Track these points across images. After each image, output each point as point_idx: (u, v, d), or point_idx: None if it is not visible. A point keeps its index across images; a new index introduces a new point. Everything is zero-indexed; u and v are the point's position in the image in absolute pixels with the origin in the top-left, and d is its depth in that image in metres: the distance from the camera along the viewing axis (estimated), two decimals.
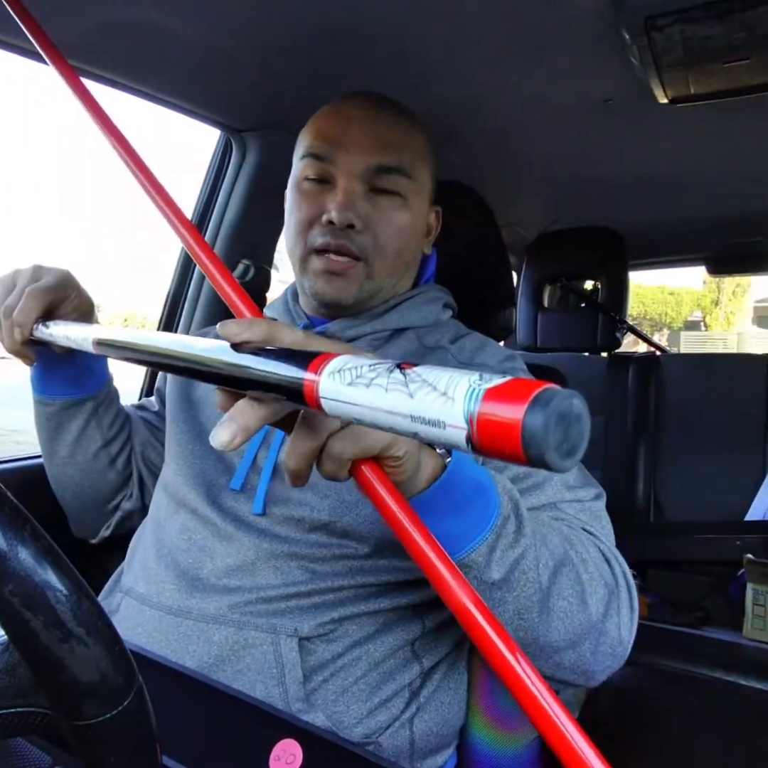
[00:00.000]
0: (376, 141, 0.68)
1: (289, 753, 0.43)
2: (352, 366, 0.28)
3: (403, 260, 0.72)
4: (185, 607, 0.59)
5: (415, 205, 0.71)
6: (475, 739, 0.68)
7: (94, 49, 0.83)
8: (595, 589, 0.52)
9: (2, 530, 0.25)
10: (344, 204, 0.66)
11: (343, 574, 0.59)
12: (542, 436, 0.21)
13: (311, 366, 0.30)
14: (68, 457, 0.78)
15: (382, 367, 0.27)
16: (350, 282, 0.69)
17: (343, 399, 0.28)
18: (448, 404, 0.23)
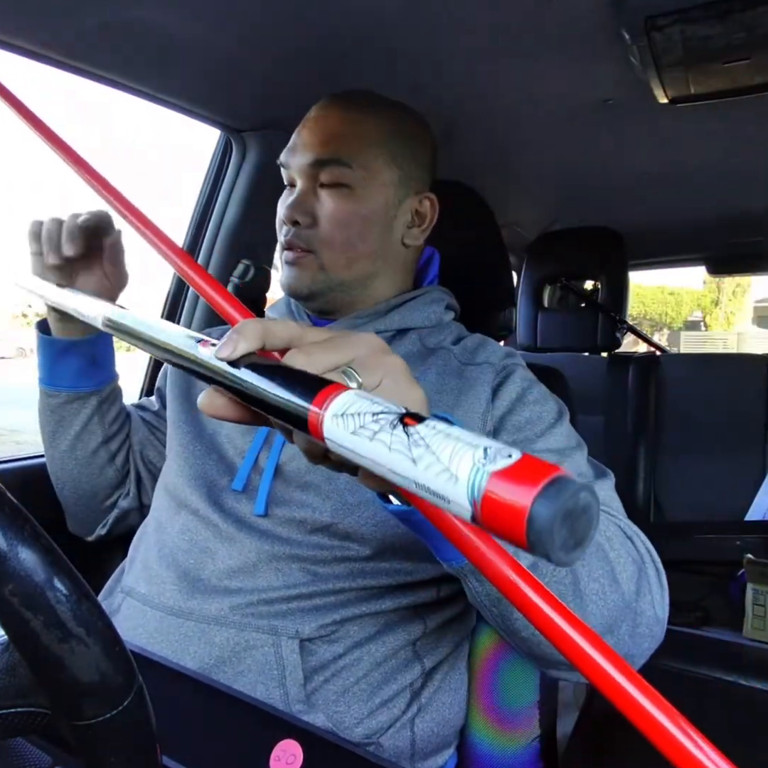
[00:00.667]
0: (319, 137, 0.70)
1: (289, 753, 0.43)
2: (355, 412, 0.27)
3: (359, 251, 0.70)
4: (186, 608, 0.59)
5: (366, 194, 0.70)
6: (476, 739, 0.68)
7: (94, 49, 0.83)
8: (624, 566, 0.51)
9: (2, 530, 0.25)
10: (291, 203, 0.70)
11: (345, 576, 0.59)
12: (548, 536, 0.21)
13: (317, 399, 0.29)
14: (68, 451, 0.78)
15: (386, 419, 0.26)
16: (302, 271, 0.70)
17: (348, 446, 0.27)
18: (451, 482, 0.23)
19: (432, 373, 0.68)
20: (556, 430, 0.63)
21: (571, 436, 0.64)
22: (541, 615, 0.27)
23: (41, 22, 0.76)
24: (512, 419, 0.64)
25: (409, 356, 0.71)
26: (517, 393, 0.65)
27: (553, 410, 0.65)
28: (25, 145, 56.72)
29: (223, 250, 1.17)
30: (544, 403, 0.65)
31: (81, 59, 0.85)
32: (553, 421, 0.64)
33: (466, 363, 0.70)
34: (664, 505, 1.72)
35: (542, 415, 0.64)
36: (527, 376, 0.68)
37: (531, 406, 0.65)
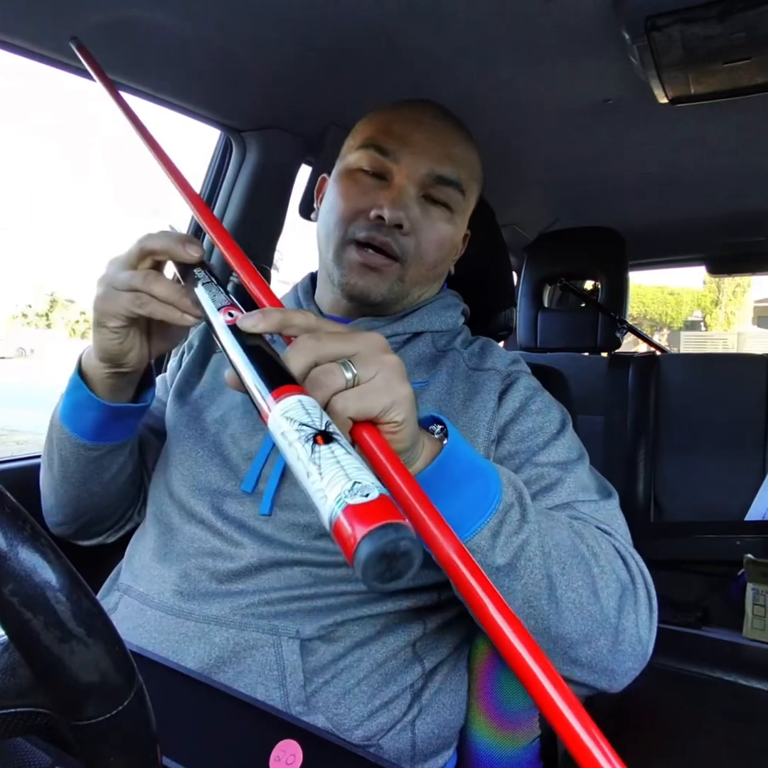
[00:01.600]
0: (441, 150, 0.69)
1: (289, 753, 0.43)
2: (291, 417, 0.32)
3: (437, 272, 0.73)
4: (186, 608, 0.59)
5: (459, 221, 0.73)
6: (476, 739, 0.68)
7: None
8: (606, 582, 0.52)
9: (2, 530, 0.25)
10: (398, 203, 0.66)
11: (347, 579, 0.59)
12: (365, 567, 0.26)
13: (276, 392, 0.34)
14: (102, 490, 0.71)
15: (304, 432, 0.31)
16: (383, 279, 0.68)
17: (277, 442, 0.33)
18: (323, 501, 0.28)
19: (443, 374, 0.69)
20: (558, 441, 0.63)
21: (573, 448, 0.64)
22: (480, 603, 0.32)
23: (41, 22, 0.76)
24: (515, 428, 0.64)
25: (422, 358, 0.71)
26: (520, 401, 0.66)
27: (555, 420, 0.66)
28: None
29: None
30: (546, 413, 0.66)
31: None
32: (555, 432, 0.64)
33: (474, 368, 0.70)
34: (664, 505, 1.72)
35: (544, 425, 0.65)
36: (531, 383, 0.69)
37: (533, 416, 0.65)
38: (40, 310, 23.97)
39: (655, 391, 1.78)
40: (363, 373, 0.38)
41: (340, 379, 0.38)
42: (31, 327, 23.48)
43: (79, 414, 0.64)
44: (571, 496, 0.59)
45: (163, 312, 0.53)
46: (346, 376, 0.38)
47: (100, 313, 0.55)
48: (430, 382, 0.68)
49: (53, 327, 23.45)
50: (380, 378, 0.39)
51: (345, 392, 0.38)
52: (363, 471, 0.29)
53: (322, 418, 0.32)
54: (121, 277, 0.54)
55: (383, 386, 0.39)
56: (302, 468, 0.30)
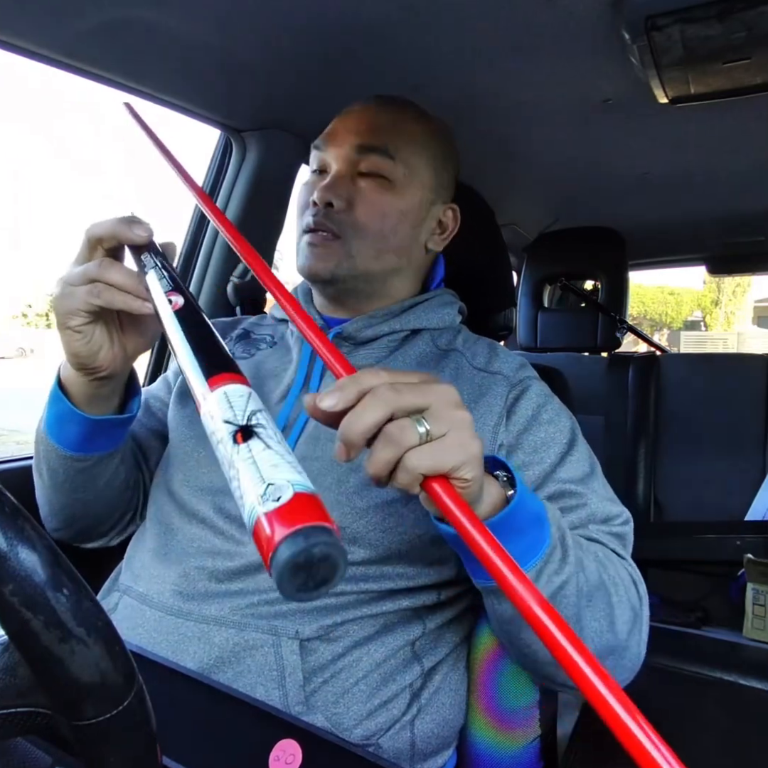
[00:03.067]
0: (362, 125, 0.71)
1: (288, 753, 0.43)
2: (214, 414, 0.31)
3: (390, 244, 0.71)
4: (186, 608, 0.59)
5: (403, 189, 0.71)
6: (475, 739, 0.68)
7: (94, 49, 0.83)
8: (623, 611, 0.55)
9: (2, 530, 0.25)
10: (326, 185, 0.69)
11: (347, 579, 0.59)
12: (279, 584, 0.25)
13: (210, 381, 0.33)
14: (94, 498, 0.69)
15: (226, 430, 0.30)
16: (328, 255, 0.69)
17: (210, 439, 0.31)
18: (242, 509, 0.28)
19: (446, 376, 0.69)
20: (573, 456, 0.65)
21: (584, 460, 0.65)
22: (550, 636, 0.31)
23: (41, 22, 0.76)
24: (528, 439, 0.65)
25: (423, 356, 0.71)
26: (533, 410, 0.66)
27: (566, 428, 0.67)
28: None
29: (223, 250, 1.17)
30: (557, 422, 0.67)
31: (81, 59, 0.85)
32: (567, 444, 0.65)
33: (479, 368, 0.70)
34: (664, 505, 1.72)
35: (556, 435, 0.65)
36: (542, 390, 0.69)
37: (545, 426, 0.66)
38: (40, 310, 23.98)
39: (655, 391, 1.78)
40: (435, 429, 0.38)
41: (414, 436, 0.38)
42: (31, 327, 23.49)
43: (63, 427, 0.62)
44: (590, 517, 0.62)
45: (122, 300, 0.51)
46: (419, 431, 0.38)
47: (61, 314, 0.54)
48: None
49: (53, 327, 23.43)
50: (453, 436, 0.39)
51: (418, 449, 0.38)
52: (280, 467, 0.28)
53: (245, 410, 0.31)
54: (75, 271, 0.53)
55: (455, 444, 0.39)
56: (227, 472, 0.29)
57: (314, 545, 0.25)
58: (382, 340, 0.72)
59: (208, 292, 1.18)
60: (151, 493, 0.72)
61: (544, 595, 0.46)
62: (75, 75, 0.87)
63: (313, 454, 0.63)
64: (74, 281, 0.53)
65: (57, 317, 0.54)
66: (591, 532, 0.60)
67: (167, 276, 0.46)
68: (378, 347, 0.71)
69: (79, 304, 0.52)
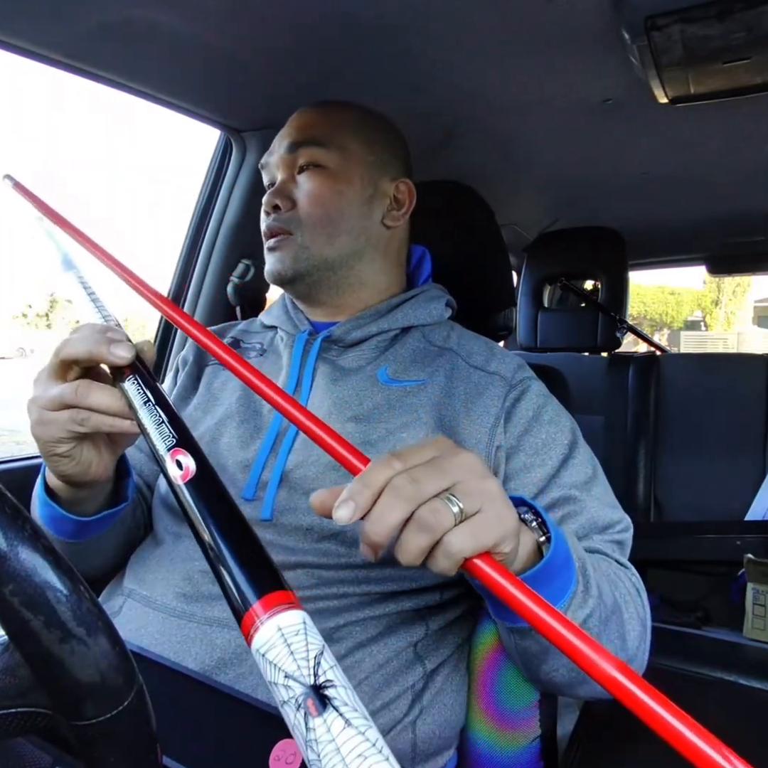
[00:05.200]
0: (294, 127, 0.74)
1: (289, 753, 0.43)
2: (273, 659, 0.26)
3: (340, 228, 0.71)
4: (189, 610, 0.59)
5: (341, 171, 0.72)
6: (476, 739, 0.68)
7: (94, 49, 0.83)
8: (633, 626, 0.56)
9: (2, 530, 0.25)
10: (272, 192, 0.72)
11: (350, 581, 0.59)
12: None
13: (262, 601, 0.28)
14: (103, 561, 0.70)
15: (294, 691, 0.25)
16: (284, 253, 0.71)
17: (264, 673, 0.27)
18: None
19: (440, 376, 0.68)
20: (576, 459, 0.65)
21: (587, 462, 0.66)
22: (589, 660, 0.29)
23: (41, 22, 0.76)
24: (529, 440, 0.65)
25: (416, 353, 0.71)
26: (533, 411, 0.67)
27: (567, 429, 0.67)
28: None
29: (223, 250, 1.17)
30: (558, 422, 0.67)
31: (81, 59, 0.85)
32: (569, 445, 0.65)
33: (476, 367, 0.70)
34: (664, 505, 1.72)
35: (557, 436, 0.66)
36: (541, 391, 0.69)
37: (546, 426, 0.66)
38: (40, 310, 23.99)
39: (655, 391, 1.78)
40: (469, 506, 0.35)
41: (450, 518, 0.35)
42: (31, 327, 23.49)
43: (58, 525, 0.60)
44: (591, 523, 0.62)
45: (110, 424, 0.48)
46: (453, 511, 0.35)
47: (42, 442, 0.50)
48: (427, 382, 0.68)
49: (53, 327, 23.46)
50: (489, 510, 0.36)
51: (457, 530, 0.35)
52: (367, 757, 0.23)
53: (308, 659, 0.26)
54: (50, 395, 0.48)
55: (494, 519, 0.36)
56: (301, 746, 0.25)
57: None
58: (372, 340, 0.72)
59: (208, 292, 1.18)
60: (153, 503, 0.72)
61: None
62: (75, 75, 0.87)
63: (308, 459, 0.63)
64: (50, 406, 0.49)
65: (39, 445, 0.50)
66: (594, 543, 0.61)
67: (166, 420, 0.39)
68: (368, 348, 0.71)
69: (61, 433, 0.49)
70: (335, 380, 0.68)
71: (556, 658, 0.52)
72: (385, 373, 0.69)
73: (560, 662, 0.53)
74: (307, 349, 0.71)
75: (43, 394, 0.49)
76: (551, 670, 0.54)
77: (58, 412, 0.48)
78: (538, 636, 0.50)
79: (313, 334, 0.73)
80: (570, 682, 0.55)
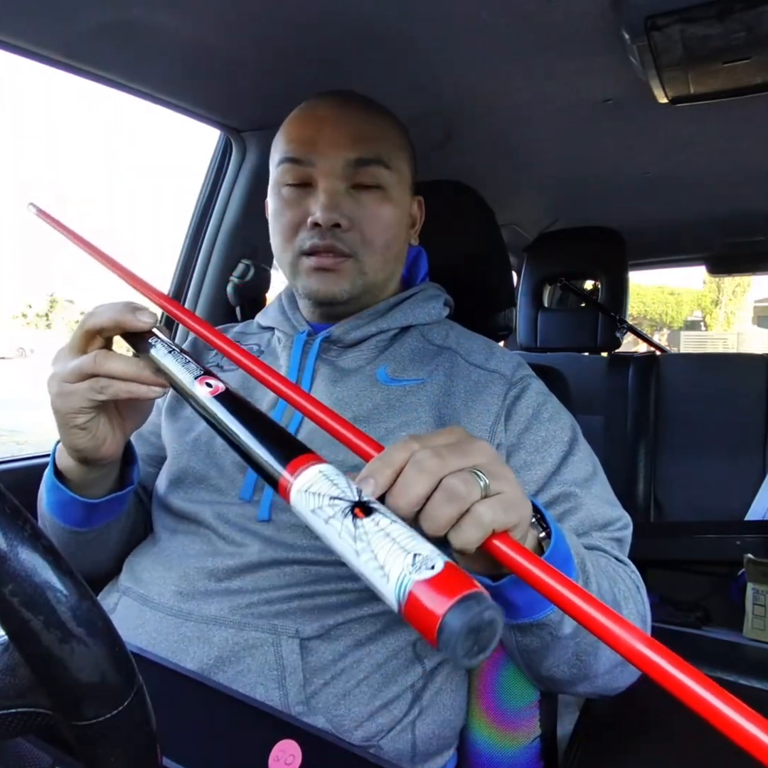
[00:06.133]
0: (350, 136, 0.68)
1: (288, 753, 0.43)
2: (317, 491, 0.31)
3: (392, 253, 0.72)
4: (186, 608, 0.59)
5: (397, 196, 0.71)
6: (476, 739, 0.68)
7: (94, 49, 0.83)
8: (633, 622, 0.55)
9: (2, 530, 0.25)
10: (328, 204, 0.66)
11: (347, 577, 0.59)
12: (453, 644, 0.25)
13: (290, 465, 0.32)
14: (107, 555, 0.71)
15: (339, 506, 0.29)
16: (342, 277, 0.69)
17: (309, 521, 0.31)
18: (383, 580, 0.27)
19: (440, 375, 0.69)
20: (576, 456, 0.65)
21: (586, 459, 0.66)
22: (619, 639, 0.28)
23: (41, 22, 0.76)
24: (530, 438, 0.65)
25: (416, 352, 0.71)
26: (533, 408, 0.67)
27: (567, 426, 0.67)
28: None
29: (223, 250, 1.17)
30: (558, 420, 0.67)
31: (81, 59, 0.85)
32: (569, 442, 0.66)
33: (475, 365, 0.70)
34: (664, 505, 1.72)
35: (557, 433, 0.66)
36: (541, 389, 0.70)
37: (546, 424, 0.66)
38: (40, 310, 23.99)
39: (655, 391, 1.78)
40: (495, 484, 0.36)
41: (477, 489, 0.35)
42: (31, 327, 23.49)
43: (66, 510, 0.62)
44: (590, 519, 0.62)
45: (127, 390, 0.50)
46: (480, 485, 0.36)
47: (62, 414, 0.52)
48: (426, 381, 0.68)
49: (53, 327, 23.45)
50: (510, 492, 0.37)
51: (488, 502, 0.35)
52: (417, 539, 0.27)
53: (351, 487, 0.30)
54: (69, 367, 0.50)
55: (513, 499, 0.37)
56: (348, 547, 0.28)
57: (486, 608, 0.25)
58: (371, 340, 0.71)
59: (208, 293, 1.18)
60: (153, 506, 0.72)
61: (571, 626, 0.49)
62: (75, 75, 0.87)
63: None
64: (70, 378, 0.50)
65: (58, 417, 0.53)
66: (594, 540, 0.61)
67: (192, 360, 0.44)
68: (367, 348, 0.71)
69: (82, 402, 0.51)
70: (335, 381, 0.68)
71: (557, 654, 0.52)
72: (384, 373, 0.69)
73: (561, 658, 0.53)
74: (306, 349, 0.71)
75: (62, 369, 0.51)
76: (552, 666, 0.54)
77: (77, 383, 0.50)
78: (539, 632, 0.51)
79: (311, 334, 0.72)
80: (571, 678, 0.55)
